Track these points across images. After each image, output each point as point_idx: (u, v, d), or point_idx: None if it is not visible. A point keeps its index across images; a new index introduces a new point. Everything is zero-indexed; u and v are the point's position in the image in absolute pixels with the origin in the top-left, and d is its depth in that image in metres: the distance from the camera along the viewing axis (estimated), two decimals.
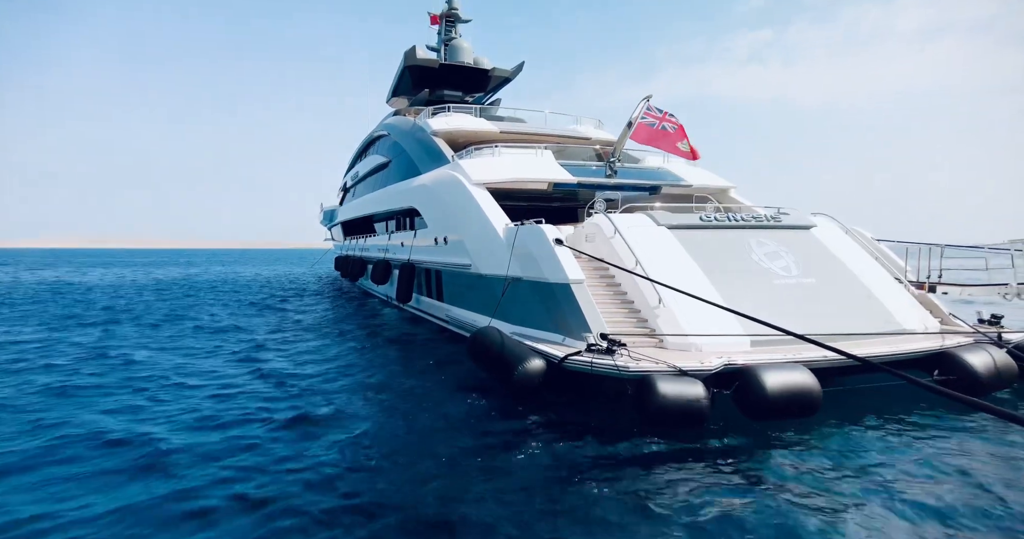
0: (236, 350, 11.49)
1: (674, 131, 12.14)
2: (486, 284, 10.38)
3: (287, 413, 7.07)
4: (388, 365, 10.04)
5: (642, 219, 9.57)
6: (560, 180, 12.07)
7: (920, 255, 9.65)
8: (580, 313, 7.82)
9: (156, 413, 7.14)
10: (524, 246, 9.11)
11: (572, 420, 6.68)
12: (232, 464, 5.49)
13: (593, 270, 8.86)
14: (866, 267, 9.44)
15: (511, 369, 7.08)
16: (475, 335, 8.27)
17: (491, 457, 5.67)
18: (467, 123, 15.46)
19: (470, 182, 11.36)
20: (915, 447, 5.83)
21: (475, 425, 6.63)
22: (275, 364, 10.02)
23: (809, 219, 10.34)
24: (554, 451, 5.79)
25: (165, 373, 9.31)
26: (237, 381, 8.84)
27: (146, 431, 6.37)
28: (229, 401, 7.69)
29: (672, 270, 8.35)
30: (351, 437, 6.28)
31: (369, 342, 12.37)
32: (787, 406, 6.09)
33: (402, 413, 7.23)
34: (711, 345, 7.21)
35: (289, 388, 8.34)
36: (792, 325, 7.95)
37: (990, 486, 4.91)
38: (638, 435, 6.14)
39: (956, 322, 8.87)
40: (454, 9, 23.38)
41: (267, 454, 5.76)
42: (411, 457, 5.73)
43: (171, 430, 6.48)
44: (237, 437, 6.26)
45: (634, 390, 6.23)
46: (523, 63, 22.70)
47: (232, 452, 5.80)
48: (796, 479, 5.10)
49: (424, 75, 21.57)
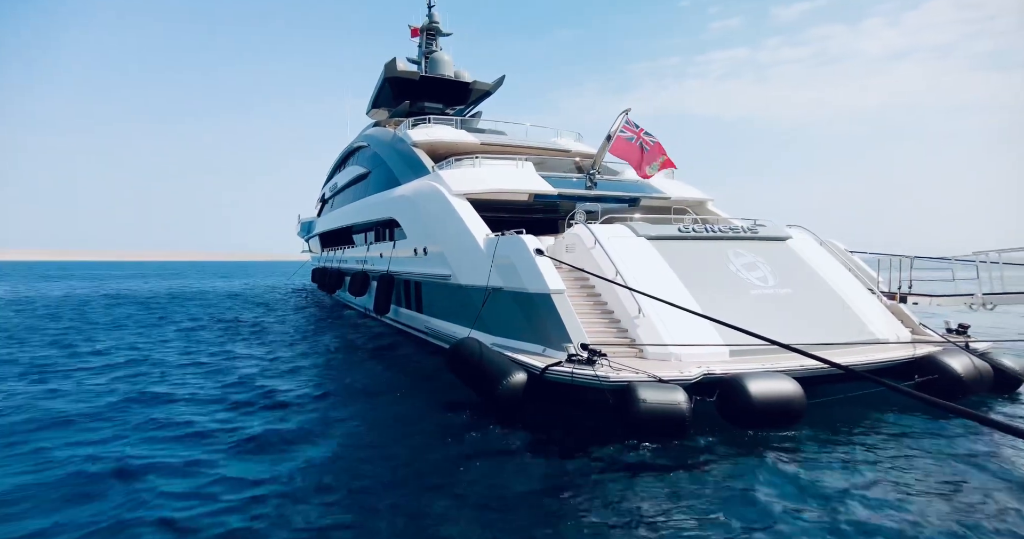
0: (202, 363, 11.12)
1: (647, 151, 12.09)
2: (466, 295, 10.28)
3: (252, 430, 6.78)
4: (363, 379, 9.79)
5: (622, 230, 9.62)
6: (541, 191, 12.10)
7: (891, 266, 9.91)
8: (561, 323, 7.78)
9: (108, 428, 6.83)
10: (505, 256, 9.06)
11: (554, 432, 6.58)
12: (175, 490, 5.08)
13: (574, 280, 8.85)
14: (840, 278, 9.63)
15: (492, 381, 6.98)
16: (454, 347, 8.15)
17: (470, 470, 5.53)
18: (447, 134, 15.46)
19: (450, 193, 11.31)
20: (892, 453, 5.89)
21: (450, 439, 6.46)
22: (242, 379, 9.66)
23: (785, 231, 10.54)
24: (535, 465, 5.69)
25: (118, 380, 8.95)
26: (198, 395, 8.51)
27: (93, 454, 6.01)
28: (185, 417, 7.32)
29: (652, 280, 8.39)
30: (319, 455, 6.05)
31: (344, 355, 12.10)
32: (772, 414, 6.11)
33: (377, 430, 7.02)
34: (690, 355, 7.23)
35: (253, 405, 7.97)
36: (769, 335, 8.06)
37: (963, 490, 4.97)
38: (621, 445, 6.07)
39: (926, 332, 9.08)
40: (435, 22, 23.53)
41: (223, 475, 5.46)
42: (385, 476, 5.54)
43: (124, 445, 6.19)
44: (188, 455, 5.89)
45: (615, 399, 6.19)
46: (503, 77, 22.91)
47: (183, 474, 5.44)
48: (780, 487, 5.08)
49: (404, 87, 21.58)
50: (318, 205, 31.49)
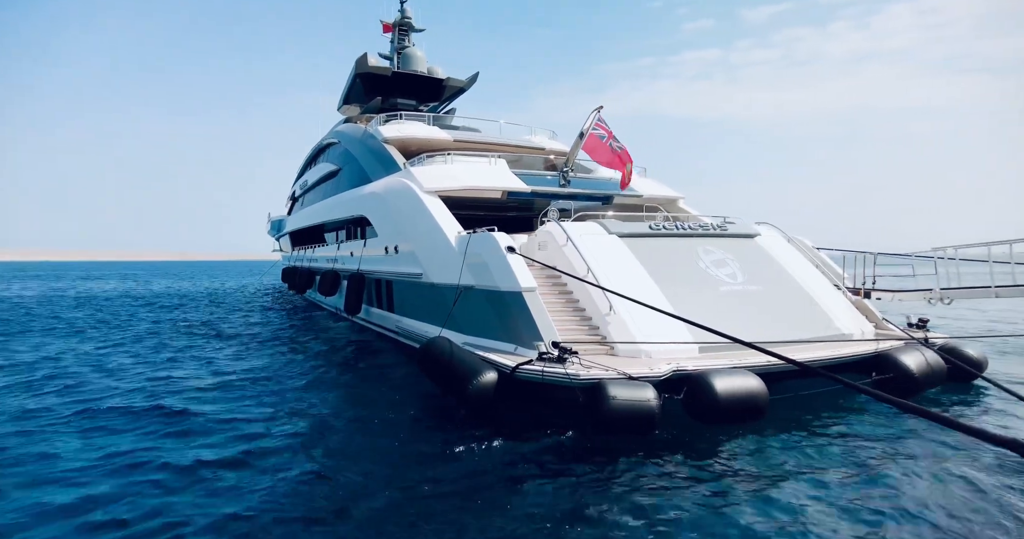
0: (159, 371, 10.69)
1: (620, 151, 11.85)
2: (438, 293, 10.13)
3: (213, 437, 6.53)
4: (331, 381, 9.57)
5: (594, 227, 9.61)
6: (514, 189, 12.01)
7: (856, 263, 10.13)
8: (532, 322, 7.70)
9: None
10: (476, 254, 8.94)
11: (525, 430, 6.50)
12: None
13: (546, 278, 8.79)
14: (807, 274, 9.80)
15: (462, 381, 6.86)
16: (425, 346, 8.01)
17: (436, 472, 5.41)
18: (420, 131, 15.23)
19: (422, 190, 11.13)
20: (851, 447, 5.99)
21: (419, 441, 6.35)
22: (203, 384, 9.31)
23: (754, 228, 10.68)
24: (504, 463, 5.60)
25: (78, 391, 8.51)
26: (159, 404, 8.15)
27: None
28: (142, 427, 6.90)
29: (623, 277, 8.39)
30: (287, 462, 5.87)
31: (312, 356, 11.78)
32: (736, 410, 6.15)
33: (345, 433, 6.83)
34: (660, 352, 7.24)
35: (218, 413, 7.57)
36: (737, 331, 8.12)
37: (917, 485, 5.07)
38: (590, 443, 6.04)
39: (889, 326, 9.32)
40: (407, 18, 23.17)
41: (190, 484, 5.26)
42: (354, 479, 5.39)
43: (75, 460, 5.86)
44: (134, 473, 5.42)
45: (585, 397, 6.14)
46: (477, 74, 22.73)
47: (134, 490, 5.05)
48: (745, 482, 5.11)
49: (376, 83, 21.20)
50: (288, 203, 30.80)
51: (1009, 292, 8.47)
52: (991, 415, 7.13)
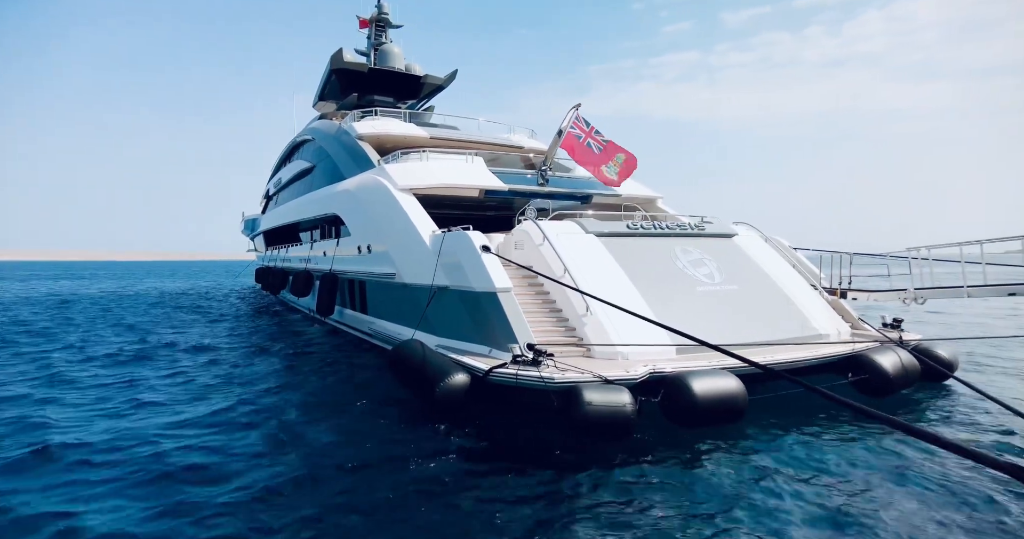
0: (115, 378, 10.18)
1: (599, 152, 11.66)
2: (411, 294, 9.84)
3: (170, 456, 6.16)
4: (301, 385, 9.16)
5: (571, 226, 9.43)
6: (491, 187, 11.77)
7: (832, 263, 10.14)
8: (507, 323, 7.49)
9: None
10: (451, 254, 8.69)
11: (500, 437, 6.28)
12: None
13: (522, 278, 8.58)
14: (784, 274, 9.76)
15: (433, 385, 6.60)
16: (395, 349, 7.74)
17: (405, 476, 5.15)
18: (395, 127, 14.90)
19: (396, 187, 10.82)
20: (827, 448, 5.91)
21: (392, 450, 6.06)
22: (161, 393, 8.89)
23: (731, 228, 10.62)
24: (478, 473, 5.36)
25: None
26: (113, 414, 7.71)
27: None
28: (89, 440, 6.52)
29: (600, 277, 8.23)
30: (248, 471, 5.54)
31: (280, 362, 11.24)
32: (714, 412, 6.01)
33: (310, 445, 6.48)
34: (637, 353, 7.08)
35: (179, 424, 7.15)
36: (714, 331, 7.99)
37: (901, 485, 4.99)
38: (561, 449, 5.84)
39: (864, 326, 9.33)
40: (384, 13, 22.73)
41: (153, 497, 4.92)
42: (322, 487, 5.10)
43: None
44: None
45: (559, 402, 5.94)
46: (456, 71, 22.42)
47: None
48: (724, 487, 4.97)
49: (352, 79, 20.75)
50: (263, 202, 30.05)
51: (980, 292, 8.53)
52: (962, 416, 7.14)
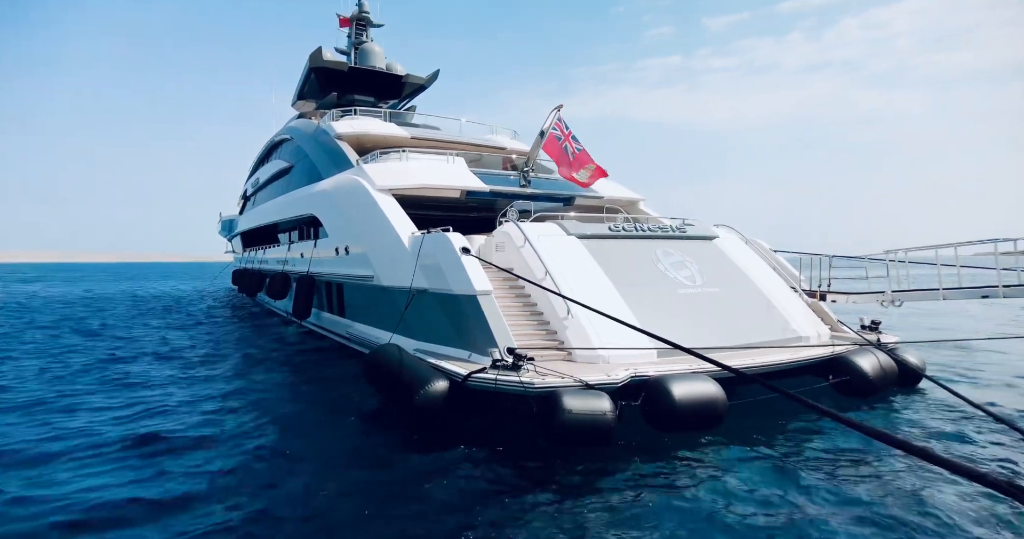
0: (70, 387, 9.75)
1: (573, 158, 11.40)
2: (389, 297, 9.62)
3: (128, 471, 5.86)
4: (271, 391, 8.85)
5: (552, 228, 9.32)
6: (472, 188, 11.61)
7: (812, 265, 10.19)
8: (487, 326, 7.33)
9: None
10: (430, 256, 8.51)
11: (481, 444, 6.10)
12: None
13: (502, 280, 8.43)
14: (765, 277, 9.77)
15: (410, 390, 6.41)
16: (372, 354, 7.52)
17: (384, 497, 4.95)
18: (375, 127, 14.64)
19: (374, 188, 10.60)
20: (813, 451, 5.87)
21: (368, 459, 5.87)
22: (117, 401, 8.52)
23: (712, 230, 10.62)
24: (459, 485, 5.19)
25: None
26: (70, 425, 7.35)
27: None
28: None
29: (581, 280, 8.13)
30: (217, 488, 5.29)
31: (252, 367, 10.78)
32: (694, 417, 5.94)
33: (283, 457, 6.20)
34: (619, 356, 6.98)
35: (144, 437, 6.66)
36: (696, 334, 7.94)
37: (881, 487, 4.96)
38: (547, 456, 5.70)
39: (843, 329, 9.38)
40: (365, 12, 22.42)
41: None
42: (294, 506, 4.87)
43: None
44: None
45: (539, 407, 5.80)
46: (438, 71, 22.22)
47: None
48: (707, 494, 4.87)
49: (332, 78, 20.41)
50: (240, 202, 29.44)
51: (954, 295, 8.63)
52: (937, 420, 7.18)
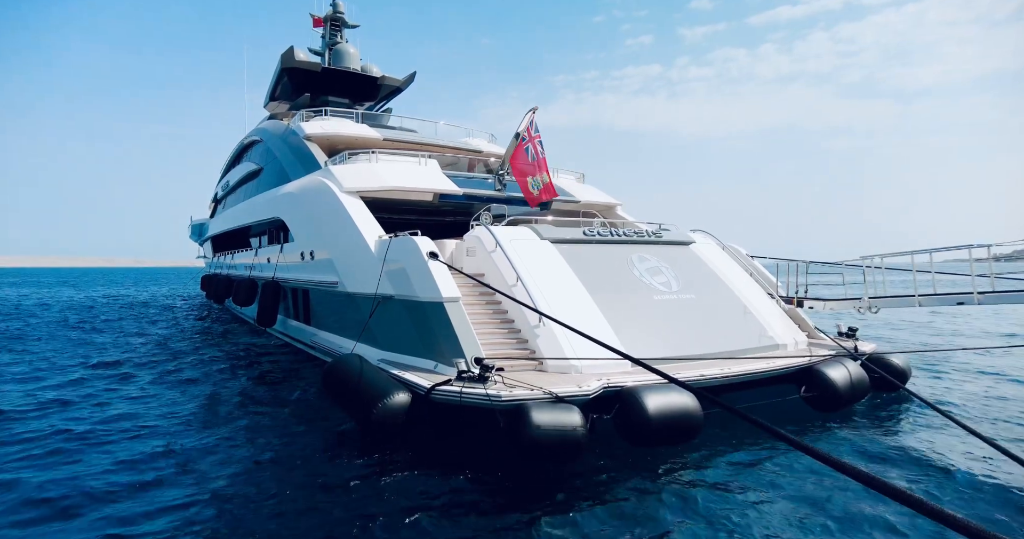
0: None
1: (532, 161, 10.82)
2: (355, 304, 9.19)
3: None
4: (214, 407, 8.26)
5: (525, 232, 9.01)
6: (445, 191, 11.25)
7: (789, 271, 10.05)
8: (454, 335, 6.96)
9: None
10: (396, 260, 8.12)
11: (444, 462, 5.72)
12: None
13: (472, 287, 8.08)
14: (742, 283, 9.58)
15: (368, 404, 6.00)
16: (330, 365, 7.11)
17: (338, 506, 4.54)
18: (346, 128, 14.17)
19: (341, 190, 10.16)
20: (784, 462, 5.63)
21: (324, 479, 5.44)
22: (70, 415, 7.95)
23: (688, 235, 10.42)
24: (416, 504, 4.80)
25: None
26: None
27: None
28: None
29: (554, 285, 7.82)
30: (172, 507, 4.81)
31: (208, 378, 10.15)
32: (668, 430, 5.65)
33: (238, 477, 5.79)
34: (591, 366, 6.66)
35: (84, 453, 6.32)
36: (671, 341, 7.68)
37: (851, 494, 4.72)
38: (514, 473, 5.34)
39: (820, 336, 9.22)
40: (339, 12, 21.94)
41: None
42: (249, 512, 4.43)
43: None
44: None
45: (506, 422, 5.45)
46: (415, 73, 21.83)
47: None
48: (681, 508, 4.57)
49: (305, 79, 19.85)
50: (211, 205, 28.56)
51: (930, 301, 8.55)
52: (912, 429, 7.03)
